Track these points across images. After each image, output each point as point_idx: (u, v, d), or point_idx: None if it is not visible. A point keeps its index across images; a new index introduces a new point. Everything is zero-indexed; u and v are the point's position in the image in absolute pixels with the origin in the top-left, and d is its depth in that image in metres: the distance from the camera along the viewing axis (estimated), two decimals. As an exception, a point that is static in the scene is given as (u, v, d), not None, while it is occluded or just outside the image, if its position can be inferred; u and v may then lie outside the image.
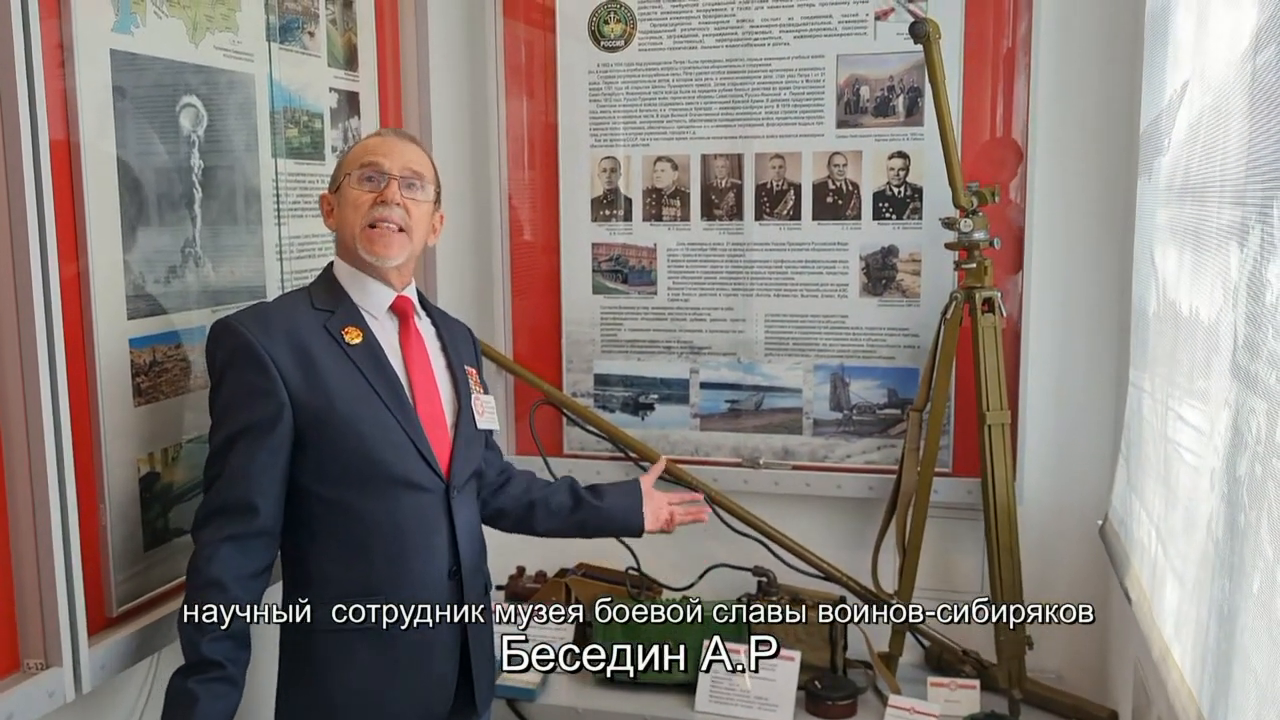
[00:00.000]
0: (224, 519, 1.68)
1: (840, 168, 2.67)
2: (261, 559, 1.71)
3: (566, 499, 2.11)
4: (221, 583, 1.65)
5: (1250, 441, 1.23)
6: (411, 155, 1.83)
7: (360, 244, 1.79)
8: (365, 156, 1.81)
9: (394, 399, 1.77)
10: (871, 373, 2.71)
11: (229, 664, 1.65)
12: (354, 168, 1.80)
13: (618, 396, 2.89)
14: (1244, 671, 1.22)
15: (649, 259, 2.83)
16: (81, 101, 1.64)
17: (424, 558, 1.79)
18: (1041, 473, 2.62)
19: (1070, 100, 2.52)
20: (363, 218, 1.78)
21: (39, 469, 1.53)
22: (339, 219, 1.83)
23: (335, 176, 1.86)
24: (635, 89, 2.78)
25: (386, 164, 1.79)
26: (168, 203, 1.85)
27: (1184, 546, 1.62)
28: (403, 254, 1.81)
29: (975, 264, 2.43)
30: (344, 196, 1.81)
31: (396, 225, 1.78)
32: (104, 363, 1.70)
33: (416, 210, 1.81)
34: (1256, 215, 1.25)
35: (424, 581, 1.78)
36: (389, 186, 1.78)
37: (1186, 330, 1.68)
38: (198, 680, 1.63)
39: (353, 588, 1.74)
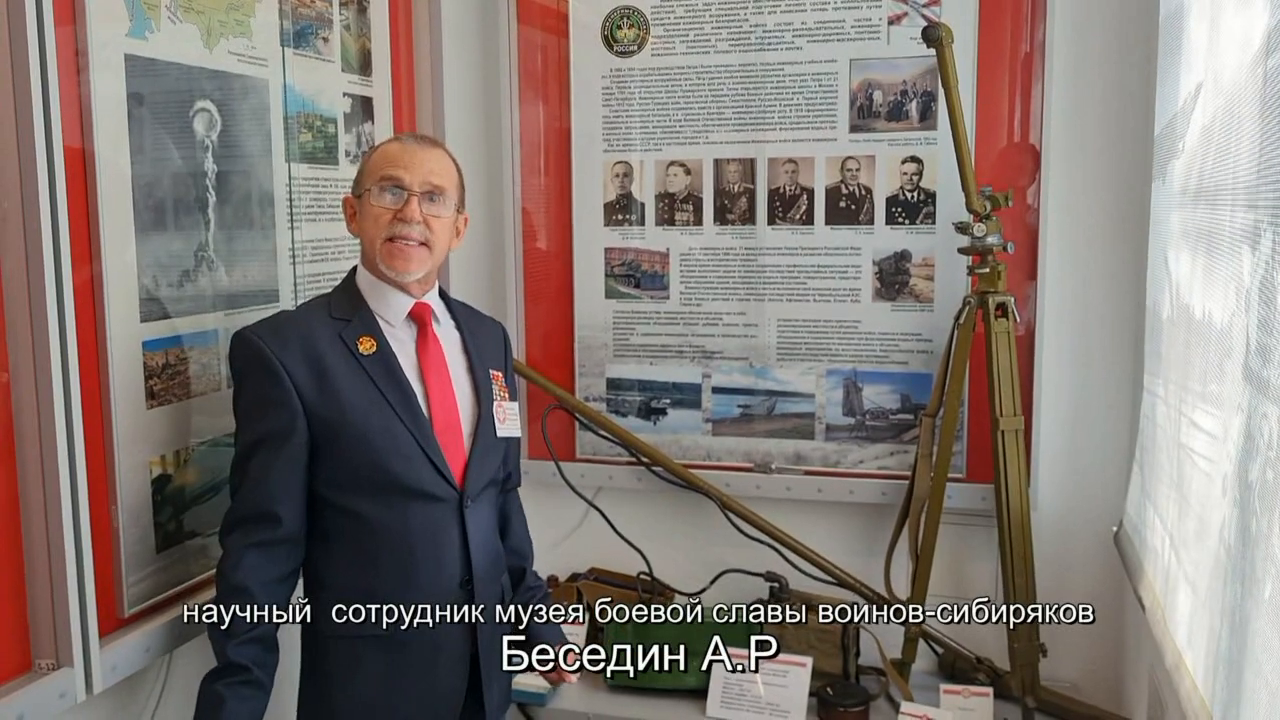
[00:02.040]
0: (248, 527, 1.72)
1: (853, 172, 2.66)
2: (286, 564, 1.75)
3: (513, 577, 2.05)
4: (247, 589, 1.69)
5: (1262, 447, 1.22)
6: (433, 165, 1.81)
7: (381, 258, 1.79)
8: (386, 168, 1.79)
9: (405, 408, 1.77)
10: (884, 378, 2.70)
11: (255, 668, 1.69)
12: (374, 179, 1.79)
13: (630, 401, 2.89)
14: (1255, 678, 1.21)
15: (662, 264, 2.83)
16: (96, 106, 1.65)
17: (434, 567, 1.79)
18: (1056, 479, 2.60)
19: (1084, 104, 2.51)
20: (383, 232, 1.78)
21: (51, 469, 1.54)
22: (360, 228, 1.82)
23: (358, 181, 1.85)
24: (648, 94, 2.79)
25: (407, 178, 1.77)
26: (181, 207, 1.86)
27: (1196, 553, 1.61)
28: (423, 269, 1.81)
29: (989, 269, 2.42)
30: (364, 207, 1.80)
31: (417, 240, 1.78)
32: (117, 365, 1.71)
33: (438, 225, 1.80)
34: (1269, 219, 1.24)
35: (433, 590, 1.78)
36: (409, 205, 1.77)
37: (1199, 335, 1.67)
38: (225, 684, 1.67)
39: (361, 594, 1.75)
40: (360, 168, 1.86)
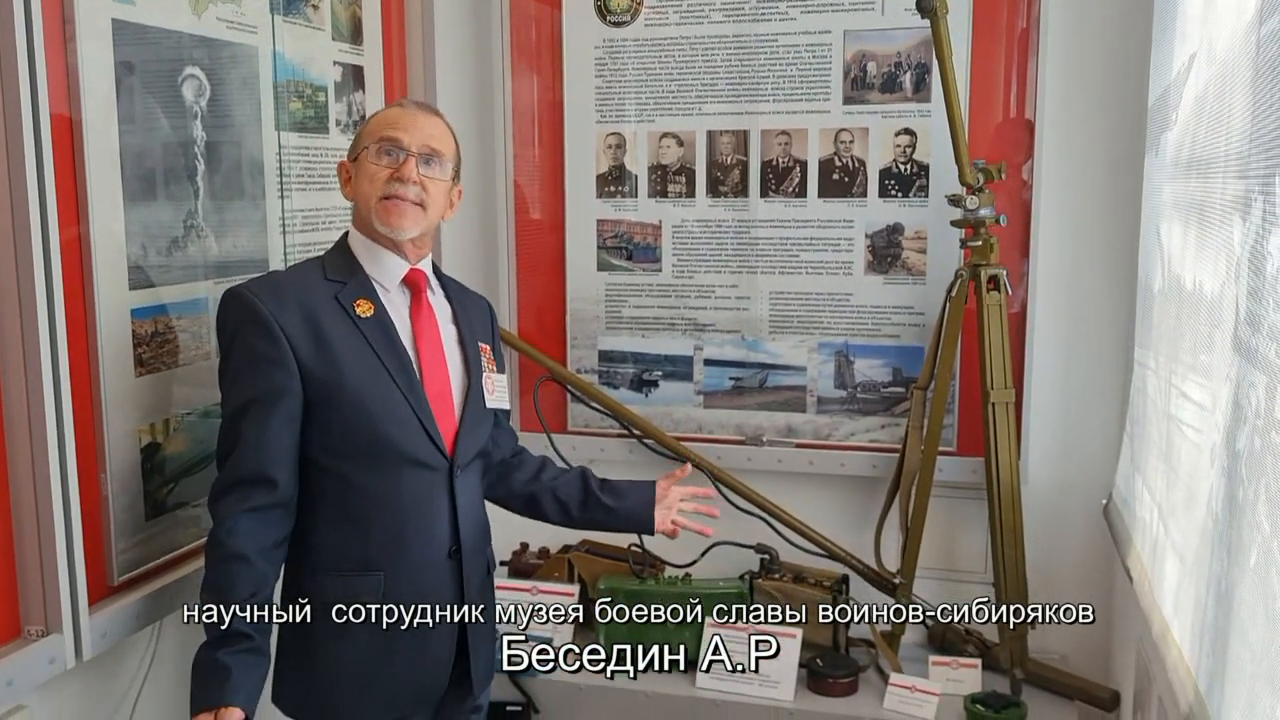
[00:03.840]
0: (243, 490, 1.68)
1: (846, 144, 2.65)
2: (280, 529, 1.72)
3: (576, 493, 2.05)
4: (246, 556, 1.66)
5: (1250, 415, 1.22)
6: (432, 130, 1.81)
7: (375, 215, 1.77)
8: (385, 129, 1.78)
9: (402, 375, 1.76)
10: (876, 351, 2.71)
11: (257, 635, 1.67)
12: (373, 139, 1.78)
13: (622, 373, 2.89)
14: (1240, 646, 1.22)
15: (654, 236, 2.82)
16: (83, 72, 1.64)
17: (424, 536, 1.78)
18: (1046, 451, 2.61)
19: (1079, 75, 2.50)
20: (379, 190, 1.76)
21: (40, 437, 1.54)
22: (355, 190, 1.81)
23: (355, 145, 1.84)
24: (641, 65, 2.77)
25: (405, 139, 1.77)
26: (171, 175, 1.85)
27: (1184, 523, 1.62)
28: (417, 227, 1.79)
29: (981, 241, 2.42)
30: (361, 168, 1.79)
31: (412, 200, 1.77)
32: (105, 332, 1.70)
33: (433, 187, 1.79)
34: (1259, 188, 1.24)
35: (423, 559, 1.78)
36: (406, 163, 1.76)
37: (1190, 305, 1.67)
38: (228, 652, 1.64)
39: (351, 562, 1.74)
40: (357, 134, 1.85)
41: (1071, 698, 2.46)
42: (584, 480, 2.07)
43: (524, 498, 2.07)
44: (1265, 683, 1.08)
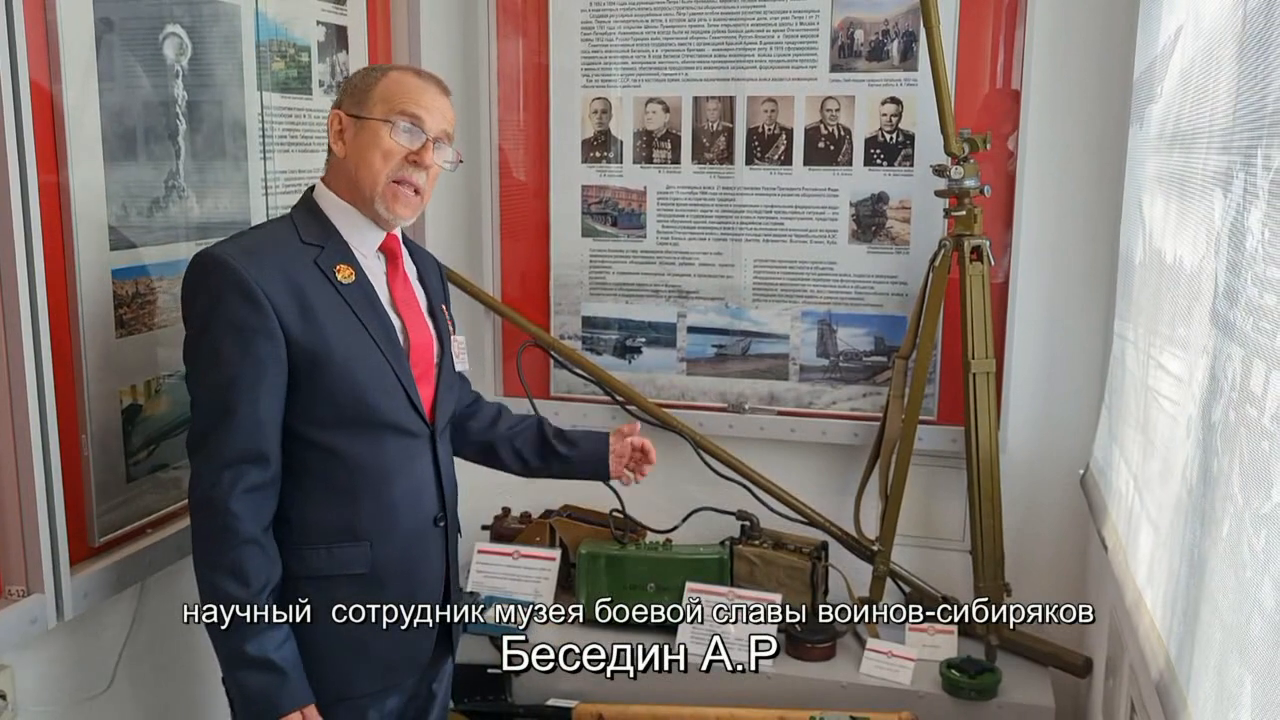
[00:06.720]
0: (241, 470, 1.61)
1: (833, 113, 2.65)
2: (274, 506, 1.68)
3: (534, 443, 2.07)
4: (258, 540, 1.63)
5: (1225, 388, 1.24)
6: (447, 112, 1.78)
7: (381, 198, 1.72)
8: (408, 103, 1.72)
9: (386, 340, 1.73)
10: (859, 320, 2.71)
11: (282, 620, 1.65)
12: (394, 110, 1.71)
13: (605, 339, 2.89)
14: (1211, 615, 1.24)
15: (639, 202, 2.81)
16: (62, 29, 1.62)
17: (412, 504, 1.78)
18: (1026, 422, 2.63)
19: (1065, 47, 2.50)
20: (393, 170, 1.72)
21: (19, 396, 1.54)
22: (357, 155, 1.72)
23: (363, 102, 1.73)
24: (628, 29, 2.75)
25: (429, 120, 1.73)
26: (151, 135, 1.83)
27: (1159, 494, 1.63)
28: (414, 215, 1.78)
29: (965, 211, 2.42)
30: (373, 136, 1.71)
31: (419, 186, 1.74)
32: (86, 293, 1.69)
33: (434, 174, 1.77)
34: (1241, 163, 1.24)
35: (411, 527, 1.78)
36: (426, 149, 1.72)
37: (1170, 278, 1.68)
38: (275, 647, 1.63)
39: (339, 533, 1.72)
40: (364, 86, 1.74)
41: (1045, 664, 2.49)
42: (540, 430, 2.08)
43: (479, 445, 2.07)
44: (1234, 651, 1.10)
